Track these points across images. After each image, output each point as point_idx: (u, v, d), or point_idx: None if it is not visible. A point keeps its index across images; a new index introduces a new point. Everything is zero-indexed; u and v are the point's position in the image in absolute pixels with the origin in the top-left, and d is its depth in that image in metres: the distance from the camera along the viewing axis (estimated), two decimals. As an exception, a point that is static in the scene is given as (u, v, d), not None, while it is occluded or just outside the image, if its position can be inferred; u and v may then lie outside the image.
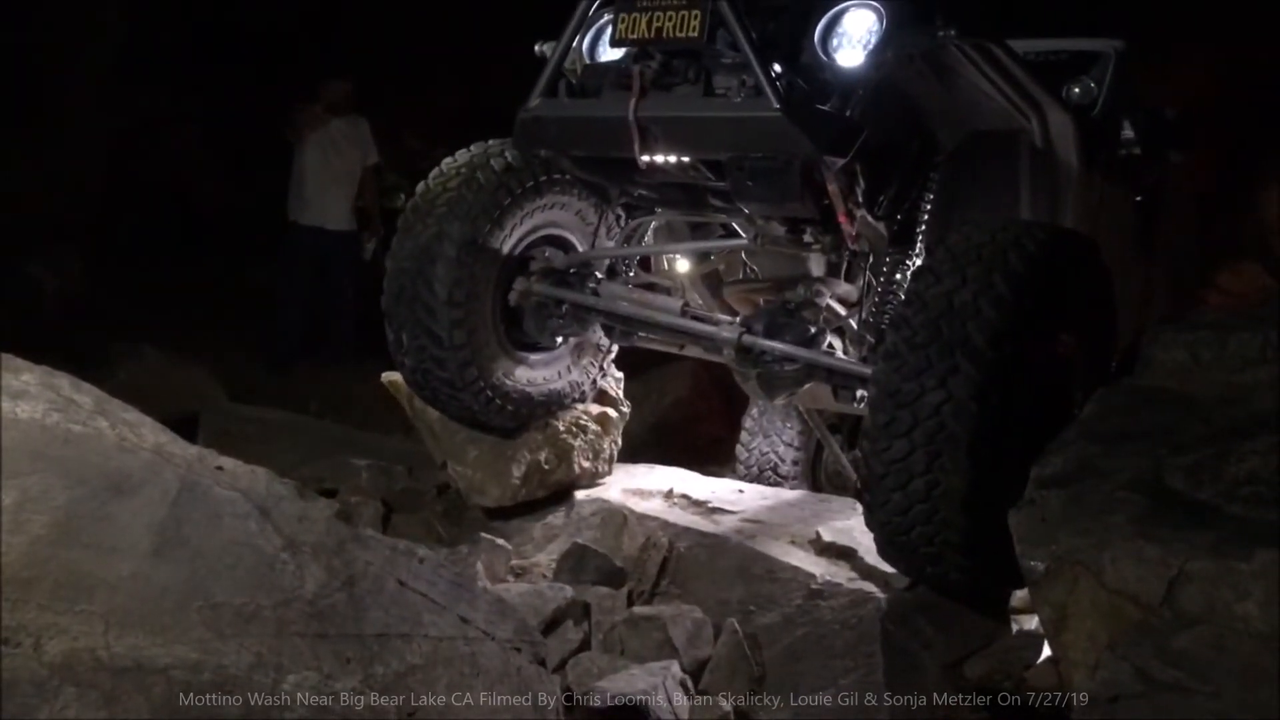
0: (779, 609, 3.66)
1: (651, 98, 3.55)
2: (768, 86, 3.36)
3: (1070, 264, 3.42)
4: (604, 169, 4.03)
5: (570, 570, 4.00)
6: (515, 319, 4.31)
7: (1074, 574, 2.58)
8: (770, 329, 3.96)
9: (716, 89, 3.54)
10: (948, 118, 3.90)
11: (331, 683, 2.49)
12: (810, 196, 3.63)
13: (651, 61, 3.58)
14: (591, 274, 4.31)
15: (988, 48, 3.68)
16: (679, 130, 3.60)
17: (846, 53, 3.61)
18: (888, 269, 3.98)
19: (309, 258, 8.15)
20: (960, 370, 3.10)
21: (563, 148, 3.94)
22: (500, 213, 4.10)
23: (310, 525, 2.81)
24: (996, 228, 3.39)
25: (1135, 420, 3.01)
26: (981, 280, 3.18)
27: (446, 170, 4.17)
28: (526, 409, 4.37)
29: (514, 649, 2.92)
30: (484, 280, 4.14)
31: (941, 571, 3.34)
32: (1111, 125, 4.52)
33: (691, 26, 3.47)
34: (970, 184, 3.94)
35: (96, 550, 2.46)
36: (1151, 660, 2.36)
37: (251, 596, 2.55)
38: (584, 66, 3.93)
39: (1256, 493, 2.59)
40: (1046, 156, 3.88)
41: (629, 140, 3.57)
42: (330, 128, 8.08)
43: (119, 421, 2.86)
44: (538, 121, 3.82)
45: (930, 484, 3.15)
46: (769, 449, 5.59)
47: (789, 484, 5.49)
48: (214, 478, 2.81)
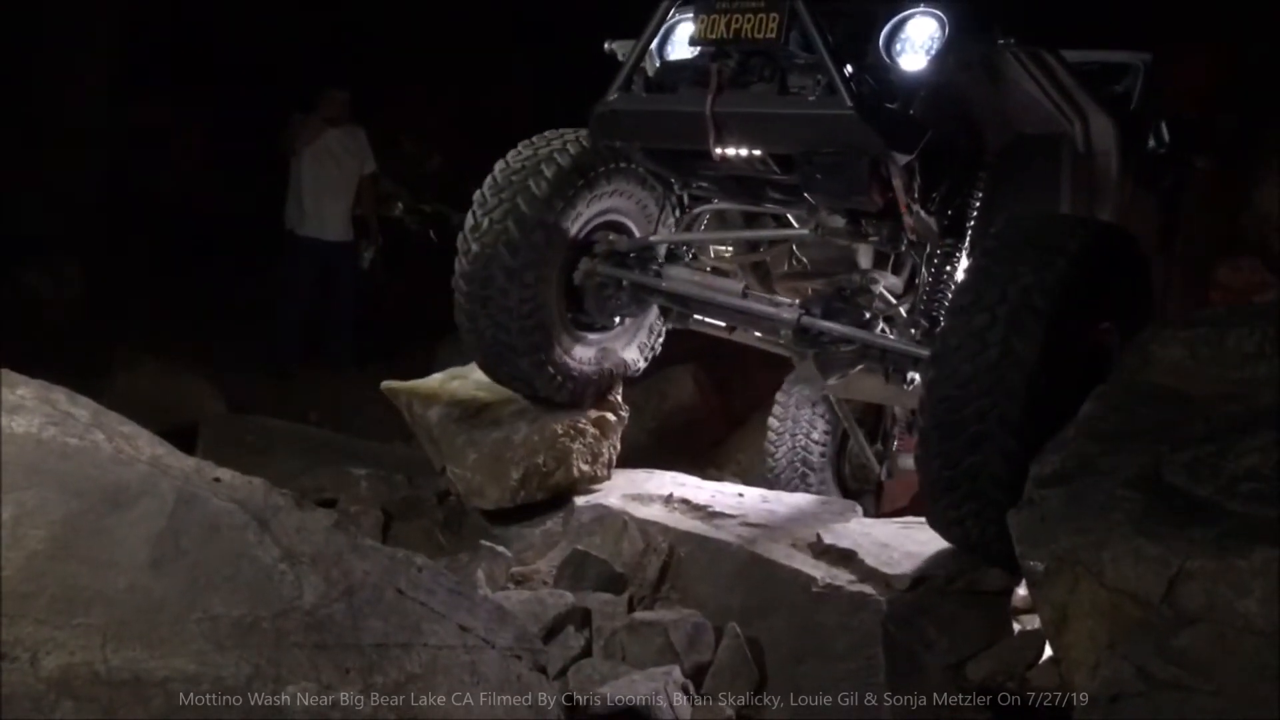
0: (780, 613, 3.65)
1: (728, 94, 3.74)
2: (842, 86, 3.56)
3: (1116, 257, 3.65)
4: (672, 161, 4.25)
5: (571, 577, 3.99)
6: (577, 299, 4.53)
7: (1074, 573, 2.58)
8: (828, 311, 4.16)
9: (790, 88, 3.73)
10: (997, 120, 4.09)
11: (331, 693, 2.48)
12: (876, 190, 3.81)
13: (729, 60, 3.78)
14: (654, 257, 4.52)
15: (1041, 55, 3.88)
16: (755, 125, 3.79)
17: (909, 57, 3.77)
18: (938, 261, 4.15)
19: (308, 268, 8.15)
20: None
21: (638, 139, 4.15)
22: (570, 197, 4.31)
23: (308, 535, 2.80)
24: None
25: (1134, 418, 3.01)
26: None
27: (523, 152, 4.36)
28: (583, 386, 4.58)
29: (514, 656, 2.91)
30: (552, 259, 4.35)
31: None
32: (1142, 131, 4.82)
33: (769, 28, 3.68)
34: (1015, 182, 4.14)
35: (94, 564, 2.46)
36: (1152, 659, 2.35)
37: (250, 608, 2.55)
38: (660, 64, 4.15)
39: (1256, 489, 2.58)
40: (1087, 159, 4.11)
41: (705, 133, 3.77)
42: (327, 138, 8.08)
43: (116, 434, 2.86)
44: (615, 114, 4.03)
45: (979, 435, 3.34)
46: (799, 443, 5.72)
47: (817, 475, 5.67)
48: (211, 489, 2.81)
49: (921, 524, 3.95)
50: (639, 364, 4.84)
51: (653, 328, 4.85)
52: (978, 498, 3.41)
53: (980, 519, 3.44)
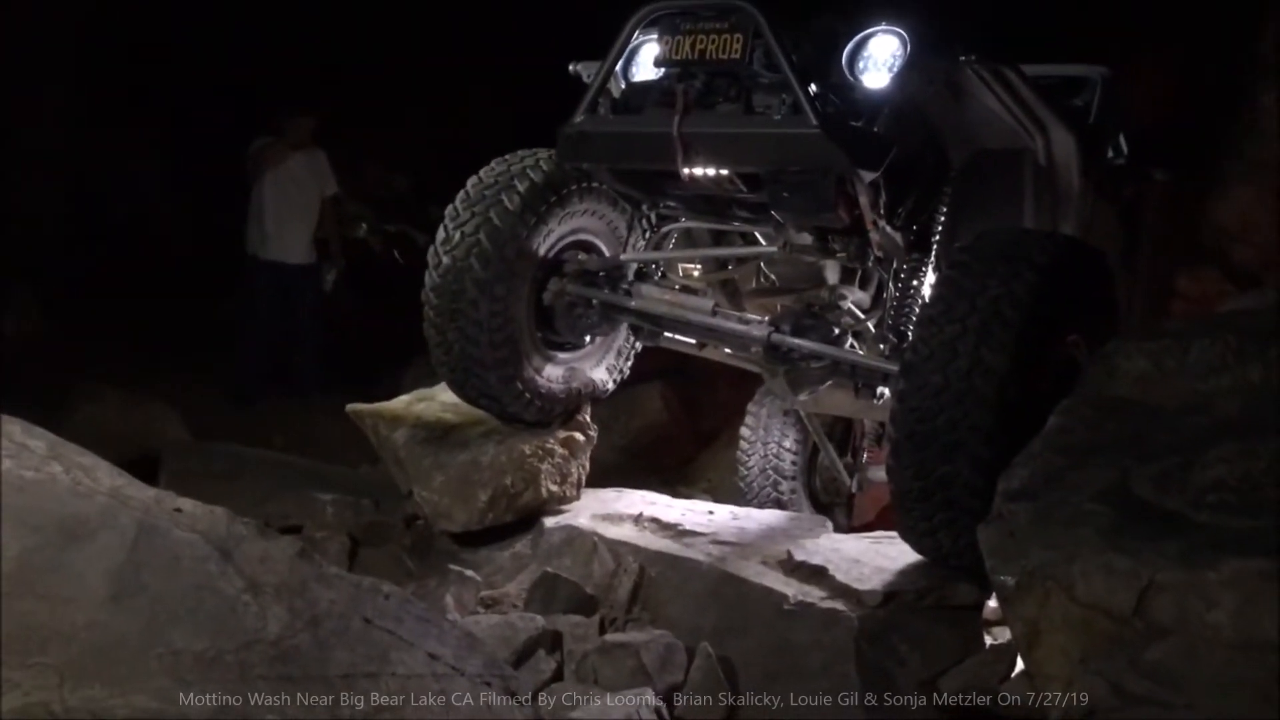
0: (752, 631, 3.63)
1: (694, 115, 3.77)
2: (807, 105, 3.59)
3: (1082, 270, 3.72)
4: (640, 181, 4.28)
5: (541, 600, 3.96)
6: (546, 318, 4.53)
7: (1045, 588, 2.57)
8: (797, 328, 4.18)
9: (756, 107, 3.76)
10: (960, 135, 4.14)
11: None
12: (843, 207, 3.84)
13: (695, 81, 3.81)
14: (623, 276, 4.54)
15: (1002, 71, 3.93)
16: (722, 145, 3.82)
17: (872, 75, 3.82)
18: (905, 276, 4.19)
19: (270, 292, 8.09)
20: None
21: (606, 160, 4.17)
22: (543, 213, 4.31)
23: (272, 565, 2.75)
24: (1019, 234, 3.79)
25: (1100, 431, 3.01)
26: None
27: (497, 168, 4.37)
28: (551, 405, 4.58)
29: (484, 683, 2.88)
30: (523, 273, 4.35)
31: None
32: (1101, 143, 4.85)
33: (734, 48, 3.72)
34: (979, 197, 4.20)
35: (51, 600, 2.40)
36: (1125, 673, 2.34)
37: (213, 641, 2.50)
38: (625, 85, 4.17)
39: (1223, 500, 2.59)
40: (1049, 173, 4.18)
41: (673, 154, 3.79)
42: (289, 162, 8.04)
43: (74, 465, 2.80)
44: (582, 136, 4.04)
45: (953, 445, 3.39)
46: (771, 452, 5.77)
47: (789, 484, 5.72)
48: (173, 520, 2.75)
49: (892, 539, 3.95)
50: (608, 385, 4.84)
51: (621, 350, 4.85)
52: (950, 507, 3.43)
53: (953, 529, 3.47)
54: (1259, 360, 2.94)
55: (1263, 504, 2.53)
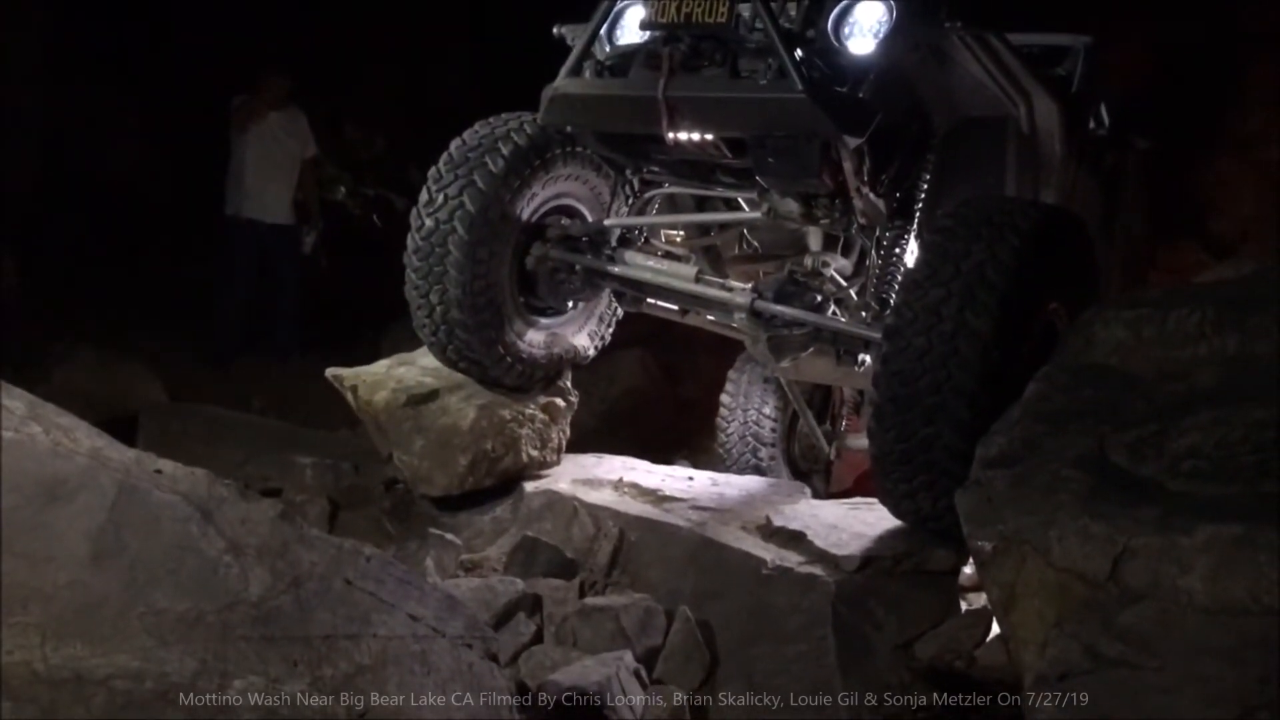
0: (730, 595, 3.66)
1: (680, 78, 3.76)
2: (793, 70, 3.59)
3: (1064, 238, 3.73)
4: (624, 145, 4.28)
5: (521, 563, 3.98)
6: (529, 283, 4.52)
7: (1021, 553, 2.60)
8: (780, 295, 4.18)
9: (741, 71, 3.75)
10: (944, 103, 4.14)
11: (279, 686, 2.45)
12: (827, 173, 3.86)
13: (680, 44, 3.78)
14: (606, 241, 4.52)
15: (987, 38, 3.95)
16: (707, 109, 3.81)
17: (858, 41, 3.81)
18: (887, 243, 4.20)
19: (248, 252, 8.02)
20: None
21: (590, 124, 4.17)
22: (526, 176, 4.31)
23: (253, 527, 2.75)
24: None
25: (1078, 398, 3.04)
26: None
27: (480, 130, 4.35)
28: (532, 370, 4.59)
29: (465, 645, 2.89)
30: (506, 237, 4.35)
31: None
32: (1083, 112, 4.86)
33: (720, 12, 3.71)
34: (962, 165, 4.21)
35: (32, 560, 2.40)
36: (1099, 637, 2.37)
37: (194, 602, 2.50)
38: (610, 48, 4.14)
39: (1197, 467, 2.62)
40: (1031, 141, 4.19)
41: (658, 118, 3.79)
42: (269, 121, 7.96)
43: (53, 426, 2.78)
44: (566, 98, 4.04)
45: (935, 408, 3.42)
46: (751, 418, 5.79)
47: (768, 450, 5.74)
48: (153, 481, 2.74)
49: (870, 505, 3.99)
50: (589, 351, 4.84)
51: (603, 316, 4.86)
52: (931, 469, 3.47)
53: (933, 491, 3.50)
54: (1236, 330, 2.97)
55: (1237, 471, 2.56)
